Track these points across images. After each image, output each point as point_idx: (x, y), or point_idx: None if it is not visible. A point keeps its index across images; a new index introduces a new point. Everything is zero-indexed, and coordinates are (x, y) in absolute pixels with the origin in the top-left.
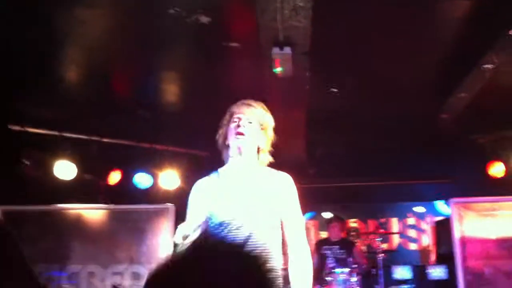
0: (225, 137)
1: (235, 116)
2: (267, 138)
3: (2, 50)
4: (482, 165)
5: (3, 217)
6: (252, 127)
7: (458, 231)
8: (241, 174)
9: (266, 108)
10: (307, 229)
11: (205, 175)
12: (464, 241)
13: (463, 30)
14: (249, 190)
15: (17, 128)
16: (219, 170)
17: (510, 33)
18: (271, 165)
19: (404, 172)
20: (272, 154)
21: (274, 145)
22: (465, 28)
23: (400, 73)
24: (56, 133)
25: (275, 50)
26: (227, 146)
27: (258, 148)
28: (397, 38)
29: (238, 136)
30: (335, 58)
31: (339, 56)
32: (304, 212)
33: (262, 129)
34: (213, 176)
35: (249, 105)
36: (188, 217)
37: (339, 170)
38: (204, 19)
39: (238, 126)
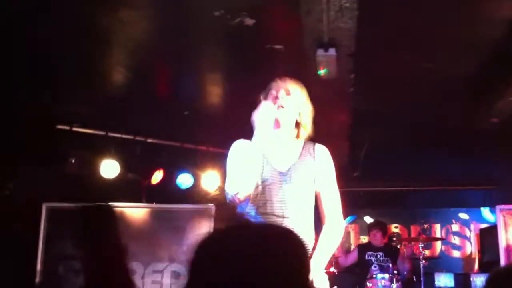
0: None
1: (273, 90)
2: (307, 112)
3: (47, 51)
4: None
5: (48, 213)
6: (290, 101)
7: (504, 238)
8: (279, 147)
9: (300, 84)
10: (347, 233)
11: None
12: (509, 249)
13: None
14: (288, 162)
15: (64, 127)
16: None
17: None
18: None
19: (449, 177)
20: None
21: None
22: None
23: (447, 73)
24: (102, 133)
25: (320, 52)
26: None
27: (297, 123)
28: (444, 36)
29: (278, 109)
30: (380, 59)
31: (384, 57)
32: (345, 216)
33: (301, 103)
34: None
35: (287, 80)
36: (236, 173)
37: (382, 174)
38: (249, 21)
39: (276, 98)
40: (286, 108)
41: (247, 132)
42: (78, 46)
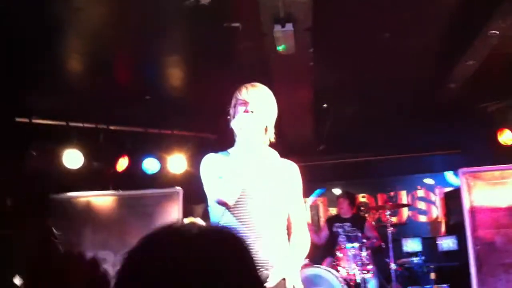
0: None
1: (240, 99)
2: (273, 117)
3: (1, 41)
4: (491, 133)
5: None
6: (258, 108)
7: (468, 201)
8: (250, 156)
9: (268, 89)
10: (317, 205)
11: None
12: (473, 211)
13: None
14: (260, 173)
15: (24, 120)
16: (228, 150)
17: None
18: (280, 144)
19: (412, 144)
20: (281, 133)
21: (282, 124)
22: None
23: (405, 42)
24: (63, 123)
25: (277, 27)
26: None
27: (265, 129)
28: (401, 7)
29: (245, 117)
30: (338, 32)
31: (342, 29)
32: (313, 189)
33: (267, 109)
34: (222, 154)
35: (253, 86)
36: (218, 182)
37: (347, 146)
38: (204, 1)
39: (245, 109)
40: (256, 113)
41: (210, 113)
42: (31, 33)
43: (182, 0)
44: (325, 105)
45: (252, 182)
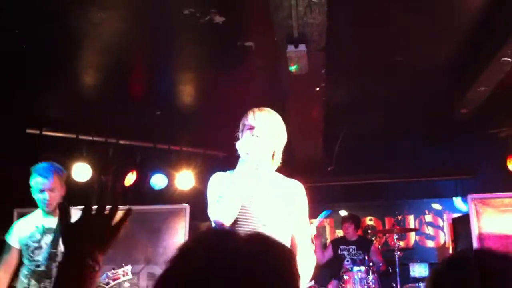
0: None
1: (247, 124)
2: (280, 142)
3: (17, 52)
4: (501, 160)
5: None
6: (264, 133)
7: (476, 227)
8: (252, 177)
9: (277, 114)
10: (323, 227)
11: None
12: (482, 237)
13: (482, 22)
14: (264, 194)
15: (34, 131)
16: (235, 170)
17: None
18: (288, 164)
19: (421, 168)
20: (290, 152)
21: (293, 143)
22: (484, 19)
23: (418, 66)
24: (73, 136)
25: (290, 48)
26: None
27: (273, 153)
28: (415, 29)
29: (250, 140)
30: (351, 53)
31: (355, 50)
32: (321, 210)
33: (273, 133)
34: (229, 173)
35: (260, 111)
36: (226, 200)
37: (356, 168)
38: (218, 19)
39: (252, 128)
40: (262, 137)
41: (220, 131)
42: (46, 46)
43: (197, 18)
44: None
45: (254, 203)
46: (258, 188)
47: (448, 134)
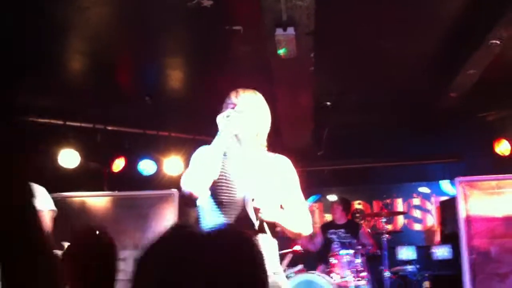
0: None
1: (229, 102)
2: (263, 122)
3: (2, 39)
4: (488, 143)
5: None
6: (245, 110)
7: (464, 210)
8: (241, 156)
9: (261, 95)
10: (312, 211)
11: None
12: (469, 220)
13: (470, 4)
14: (250, 172)
15: (21, 119)
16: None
17: None
18: (277, 148)
19: (409, 152)
20: (279, 136)
21: (282, 128)
22: (472, 2)
23: (406, 51)
24: (60, 122)
25: (278, 31)
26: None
27: (257, 135)
28: (402, 14)
29: (229, 113)
30: (339, 38)
31: (343, 35)
32: (309, 195)
33: (256, 112)
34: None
35: (244, 91)
36: (195, 170)
37: (344, 152)
38: (206, 3)
39: (235, 105)
40: (245, 113)
41: (209, 116)
42: (33, 32)
43: (185, 2)
44: (328, 103)
45: (235, 175)
46: (239, 162)
47: (436, 118)
